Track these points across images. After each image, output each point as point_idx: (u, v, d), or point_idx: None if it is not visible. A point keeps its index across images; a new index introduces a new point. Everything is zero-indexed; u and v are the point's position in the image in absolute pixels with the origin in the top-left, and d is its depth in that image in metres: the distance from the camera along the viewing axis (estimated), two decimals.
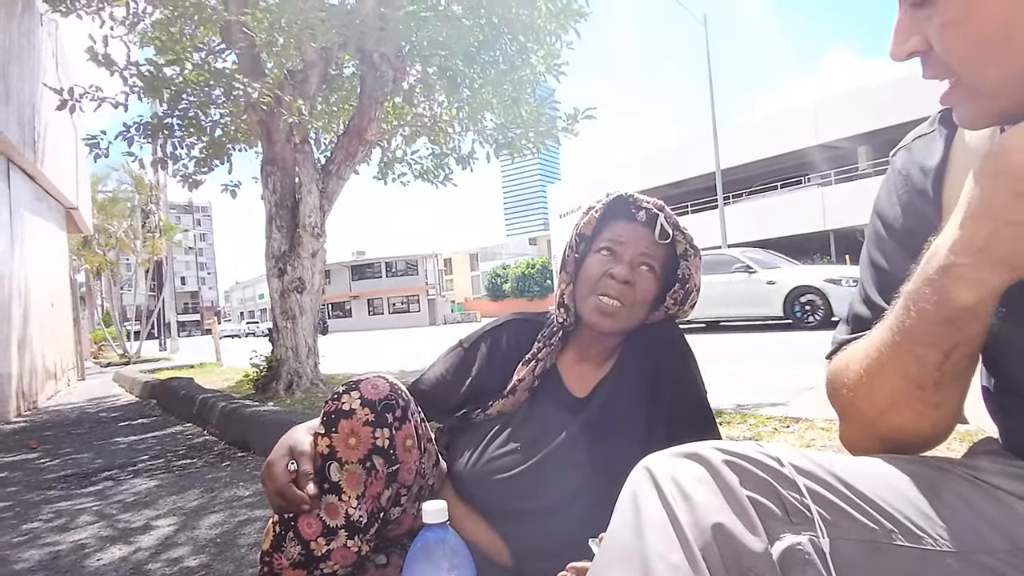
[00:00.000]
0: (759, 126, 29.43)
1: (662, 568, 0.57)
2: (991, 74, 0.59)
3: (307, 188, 5.64)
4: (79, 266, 18.84)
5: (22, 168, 7.13)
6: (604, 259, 1.26)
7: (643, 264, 1.25)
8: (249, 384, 6.13)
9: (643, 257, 1.25)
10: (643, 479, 0.64)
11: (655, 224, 1.25)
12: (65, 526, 2.56)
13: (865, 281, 0.82)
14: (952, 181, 0.73)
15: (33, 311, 7.38)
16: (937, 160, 0.74)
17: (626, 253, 1.25)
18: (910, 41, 0.59)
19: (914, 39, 0.59)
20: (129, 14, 5.81)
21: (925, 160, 0.76)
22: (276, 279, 5.65)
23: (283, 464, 1.05)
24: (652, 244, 1.26)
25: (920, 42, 0.59)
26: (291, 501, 1.02)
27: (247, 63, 5.60)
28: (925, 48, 0.59)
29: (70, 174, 9.35)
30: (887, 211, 0.80)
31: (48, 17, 7.40)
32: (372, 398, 1.10)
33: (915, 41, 0.59)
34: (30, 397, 7.10)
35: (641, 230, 1.26)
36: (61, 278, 10.10)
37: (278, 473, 1.04)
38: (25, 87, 6.64)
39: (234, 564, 2.01)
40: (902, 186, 0.78)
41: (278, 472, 1.04)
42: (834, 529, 0.59)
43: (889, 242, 0.79)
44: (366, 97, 5.71)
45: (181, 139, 6.10)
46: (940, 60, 0.59)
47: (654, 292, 1.27)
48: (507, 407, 1.28)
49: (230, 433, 4.11)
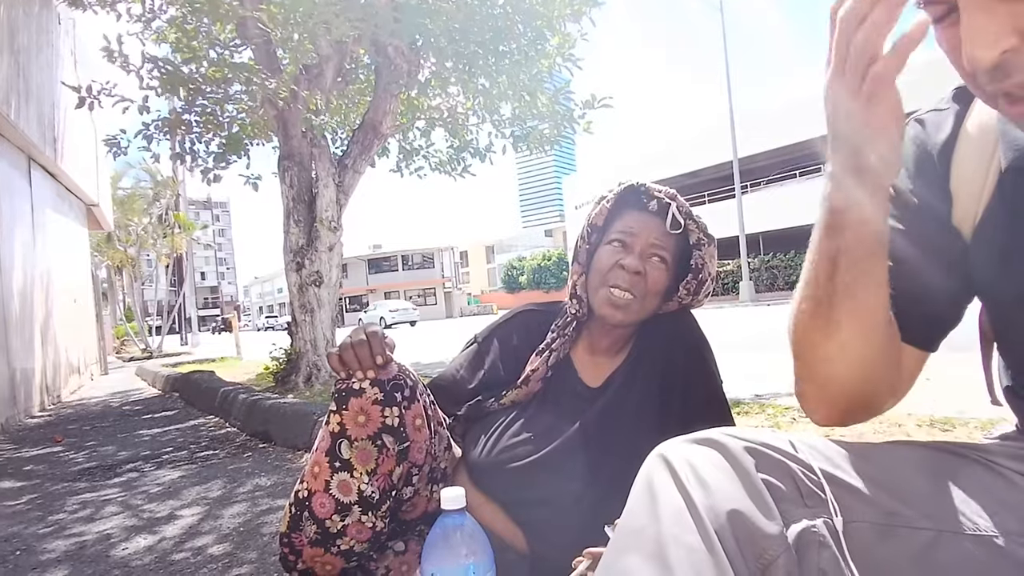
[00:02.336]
0: (777, 114, 29.09)
1: (678, 551, 0.57)
2: None
3: (324, 182, 5.67)
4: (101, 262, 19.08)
5: (43, 166, 7.22)
6: (615, 250, 1.26)
7: (654, 255, 1.25)
8: (269, 377, 6.19)
9: (654, 248, 1.25)
10: (658, 464, 0.65)
11: (667, 214, 1.25)
12: (91, 517, 2.60)
13: None
14: (959, 157, 0.73)
15: (56, 307, 7.48)
16: (947, 134, 0.74)
17: (637, 244, 1.25)
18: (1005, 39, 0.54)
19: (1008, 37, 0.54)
20: (145, 10, 5.86)
21: (935, 134, 0.76)
22: (294, 273, 5.69)
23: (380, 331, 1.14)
24: (663, 234, 1.25)
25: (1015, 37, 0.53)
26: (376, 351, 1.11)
27: (263, 58, 5.62)
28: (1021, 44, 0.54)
29: (90, 171, 9.45)
30: None
31: (66, 15, 7.47)
32: (381, 378, 1.12)
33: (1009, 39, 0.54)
34: (54, 391, 7.21)
35: (652, 220, 1.26)
36: (83, 274, 10.24)
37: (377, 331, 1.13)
38: (44, 85, 6.71)
39: (257, 551, 2.04)
40: (912, 153, 0.77)
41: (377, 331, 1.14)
42: (849, 512, 0.59)
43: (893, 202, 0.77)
44: (381, 90, 5.72)
45: (199, 135, 6.15)
46: None
47: (666, 283, 1.27)
48: (521, 397, 1.29)
49: (251, 425, 4.16)
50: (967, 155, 0.72)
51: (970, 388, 1.90)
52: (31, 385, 6.31)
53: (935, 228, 0.75)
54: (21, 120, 5.78)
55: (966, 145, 0.72)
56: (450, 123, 6.68)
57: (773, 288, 27.10)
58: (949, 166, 0.73)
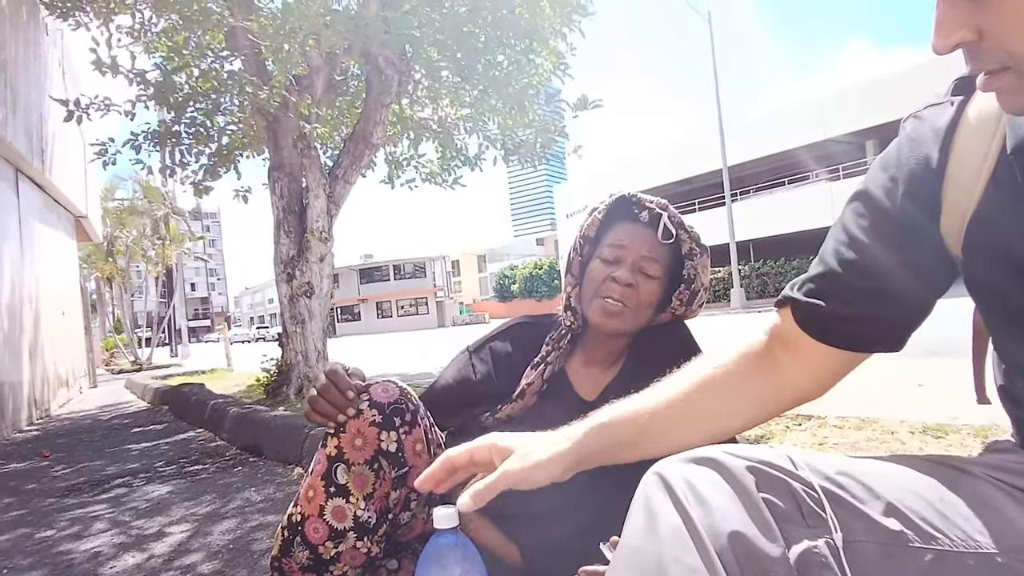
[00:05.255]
0: (766, 122, 29.30)
1: (679, 571, 0.56)
2: None
3: (314, 193, 5.65)
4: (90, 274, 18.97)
5: (31, 178, 7.17)
6: (607, 262, 1.25)
7: (646, 266, 1.24)
8: (260, 389, 6.15)
9: (645, 260, 1.24)
10: (655, 484, 0.64)
11: (658, 225, 1.24)
12: (79, 534, 2.57)
13: (830, 237, 0.81)
14: (959, 145, 0.72)
15: (44, 319, 7.42)
16: (946, 125, 0.74)
17: (628, 256, 1.24)
18: (958, 32, 0.57)
19: (963, 30, 0.57)
20: (135, 22, 5.84)
21: (935, 124, 0.75)
22: (285, 284, 5.66)
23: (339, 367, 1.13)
24: (655, 246, 1.25)
25: (969, 32, 0.57)
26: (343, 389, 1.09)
27: (252, 69, 5.61)
28: (975, 37, 0.57)
29: (79, 183, 9.40)
30: (880, 172, 0.78)
31: (54, 27, 7.44)
32: (381, 400, 1.10)
33: (963, 32, 0.57)
34: (42, 405, 7.14)
35: (643, 231, 1.25)
36: (72, 286, 10.17)
37: (336, 369, 1.12)
38: (32, 96, 6.68)
39: (247, 569, 2.01)
40: (909, 152, 0.76)
41: (336, 368, 1.12)
42: (850, 532, 0.58)
43: (873, 202, 0.77)
44: (371, 101, 5.72)
45: (189, 147, 6.12)
46: (994, 49, 0.57)
47: (658, 294, 1.26)
48: (516, 411, 1.27)
49: (242, 438, 4.12)
50: (966, 142, 0.71)
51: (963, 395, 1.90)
52: (19, 399, 6.25)
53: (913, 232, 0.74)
54: (8, 132, 5.75)
55: (966, 132, 0.71)
56: (440, 134, 6.68)
57: (764, 295, 27.19)
58: (948, 154, 0.73)
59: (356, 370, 1.14)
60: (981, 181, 0.69)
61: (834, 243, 0.79)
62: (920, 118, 0.78)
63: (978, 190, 0.69)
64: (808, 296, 0.79)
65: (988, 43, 0.57)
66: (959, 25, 0.57)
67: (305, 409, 1.13)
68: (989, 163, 0.69)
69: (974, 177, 0.70)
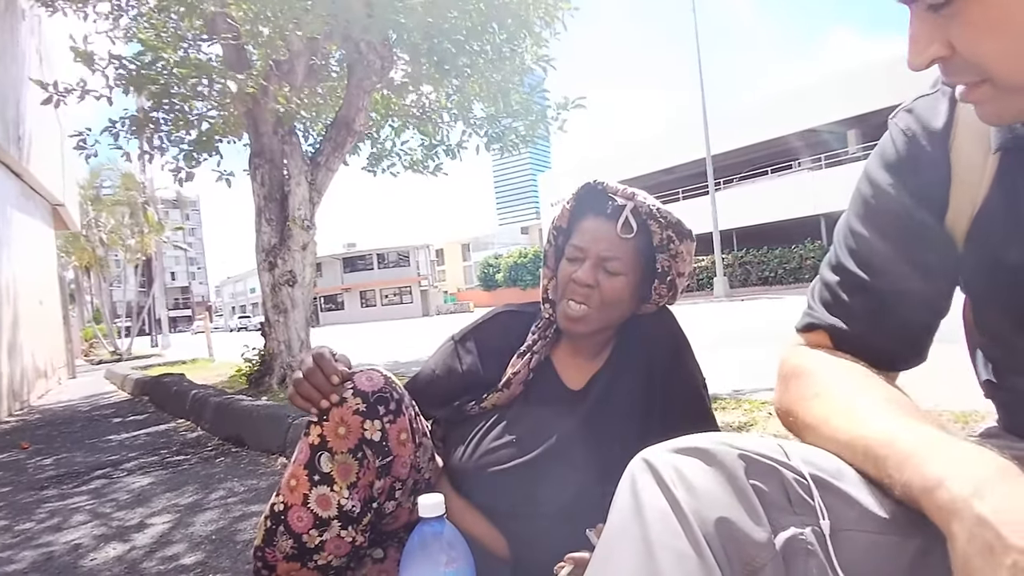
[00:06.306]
0: (749, 111, 29.40)
1: (667, 556, 0.56)
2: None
3: (296, 180, 5.59)
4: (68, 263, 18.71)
5: (7, 165, 7.05)
6: (570, 261, 1.22)
7: (607, 264, 1.20)
8: (242, 379, 6.11)
9: (605, 258, 1.19)
10: (642, 470, 0.63)
11: (619, 217, 1.19)
12: (59, 526, 2.54)
13: (839, 246, 0.81)
14: (959, 143, 0.72)
15: (22, 309, 7.31)
16: (943, 122, 0.73)
17: (587, 255, 1.20)
18: (931, 48, 0.58)
19: (935, 46, 0.58)
20: (113, 8, 5.73)
21: (930, 121, 0.74)
22: (267, 273, 5.61)
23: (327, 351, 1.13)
24: (616, 242, 1.19)
25: (942, 47, 0.57)
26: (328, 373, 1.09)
27: (232, 55, 5.53)
28: (948, 53, 0.58)
29: (56, 171, 9.25)
30: (882, 172, 0.78)
31: (31, 13, 7.30)
32: (365, 389, 1.09)
33: (936, 47, 0.58)
34: (21, 396, 7.05)
35: (606, 225, 1.20)
36: (49, 275, 10.02)
37: (323, 353, 1.12)
38: (8, 83, 6.55)
39: (230, 560, 2.00)
40: (904, 146, 0.76)
41: (323, 352, 1.12)
42: (840, 520, 0.58)
43: (879, 206, 0.77)
44: (354, 87, 5.66)
45: (168, 133, 6.03)
46: (966, 62, 0.57)
47: (626, 290, 1.22)
48: (502, 400, 1.27)
49: (224, 429, 4.09)
50: (965, 140, 0.71)
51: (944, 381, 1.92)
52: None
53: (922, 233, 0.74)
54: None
55: (964, 129, 0.71)
56: (423, 122, 6.63)
57: (747, 284, 27.40)
58: (948, 152, 0.72)
59: (343, 356, 1.14)
60: (987, 177, 0.69)
61: (846, 250, 0.80)
62: (912, 111, 0.77)
63: (984, 185, 0.69)
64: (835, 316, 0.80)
65: (960, 57, 0.57)
66: (931, 40, 0.58)
67: (289, 392, 1.12)
68: (993, 159, 0.69)
69: (979, 172, 0.70)
